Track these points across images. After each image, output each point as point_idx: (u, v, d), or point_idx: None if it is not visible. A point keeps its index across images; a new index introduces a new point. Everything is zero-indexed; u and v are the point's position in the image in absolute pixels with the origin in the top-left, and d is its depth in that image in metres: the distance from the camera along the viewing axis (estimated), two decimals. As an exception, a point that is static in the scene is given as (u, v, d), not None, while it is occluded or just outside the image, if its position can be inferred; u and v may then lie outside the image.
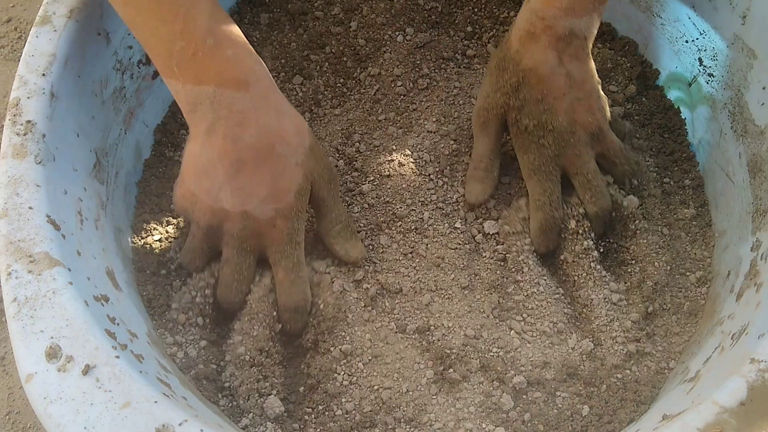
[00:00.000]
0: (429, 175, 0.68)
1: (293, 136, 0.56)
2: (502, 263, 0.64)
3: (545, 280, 0.63)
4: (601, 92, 0.64)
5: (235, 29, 0.55)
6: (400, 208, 0.67)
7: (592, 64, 0.63)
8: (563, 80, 0.61)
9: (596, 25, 0.61)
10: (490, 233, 0.65)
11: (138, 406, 0.42)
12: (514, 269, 0.63)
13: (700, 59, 0.71)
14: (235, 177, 0.55)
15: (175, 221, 0.66)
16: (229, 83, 0.53)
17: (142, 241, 0.63)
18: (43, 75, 0.55)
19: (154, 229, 0.65)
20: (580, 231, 0.64)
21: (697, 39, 0.71)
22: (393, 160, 0.69)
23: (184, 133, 0.71)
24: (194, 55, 0.52)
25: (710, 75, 0.70)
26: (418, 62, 0.77)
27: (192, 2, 0.51)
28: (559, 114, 0.61)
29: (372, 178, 0.69)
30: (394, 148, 0.71)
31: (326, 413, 0.57)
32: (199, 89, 0.53)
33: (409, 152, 0.70)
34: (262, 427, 0.55)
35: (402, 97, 0.75)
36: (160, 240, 0.64)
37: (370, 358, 0.59)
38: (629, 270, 0.65)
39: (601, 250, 0.66)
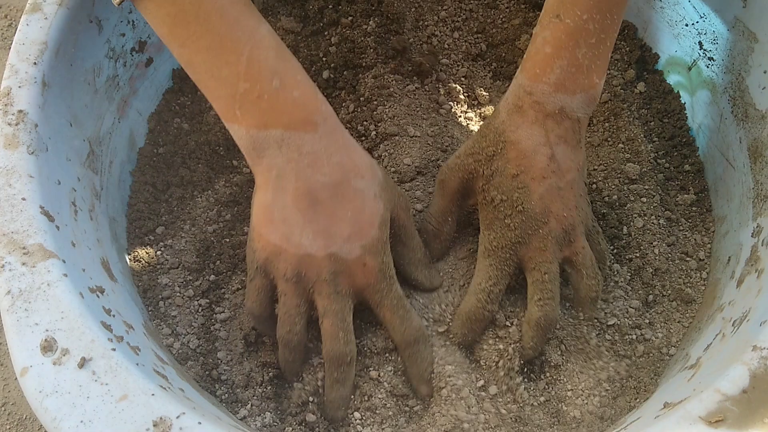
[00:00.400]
0: None
1: (367, 170, 0.54)
2: None
3: None
4: (585, 192, 0.58)
5: (299, 67, 0.52)
6: None
7: (583, 155, 0.57)
8: (545, 162, 0.55)
9: (591, 106, 0.56)
10: None
11: (135, 399, 0.42)
12: None
13: (700, 43, 0.70)
14: (315, 219, 0.52)
15: (169, 211, 0.65)
16: (298, 125, 0.50)
17: (137, 230, 0.63)
18: (35, 64, 0.54)
19: (149, 218, 0.64)
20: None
21: (697, 22, 0.70)
22: None
23: (179, 121, 0.70)
24: (259, 98, 0.49)
25: (710, 59, 0.69)
26: None
27: (256, 41, 0.49)
28: (533, 196, 0.55)
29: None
30: None
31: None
32: (266, 134, 0.50)
33: None
34: (260, 417, 0.55)
35: None
36: (154, 229, 0.64)
37: None
38: (629, 256, 0.65)
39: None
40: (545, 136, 0.55)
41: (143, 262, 0.61)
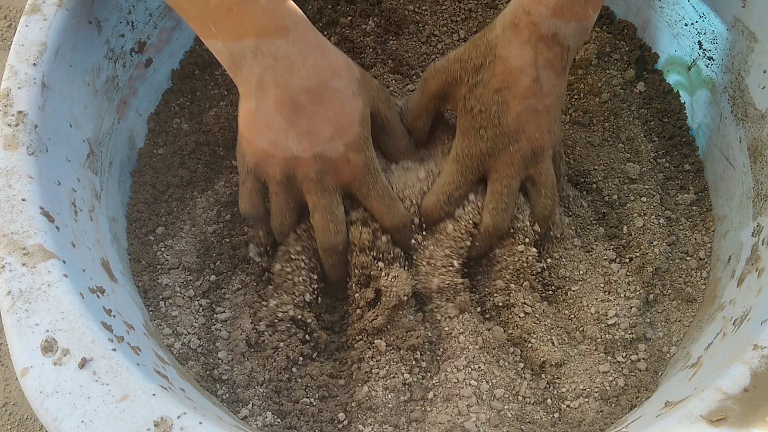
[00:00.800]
0: None
1: (343, 69, 0.56)
2: None
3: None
4: (559, 118, 0.60)
5: None
6: None
7: (565, 84, 0.59)
8: (529, 82, 0.56)
9: (582, 37, 0.57)
10: None
11: (136, 399, 0.42)
12: None
13: (699, 42, 0.70)
14: (297, 122, 0.54)
15: (169, 209, 0.65)
16: (269, 32, 0.53)
17: (137, 230, 0.63)
18: (34, 65, 0.54)
19: (149, 218, 0.64)
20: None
21: (696, 22, 0.70)
22: None
23: (179, 121, 0.70)
24: (229, 10, 0.51)
25: (710, 58, 0.69)
26: None
27: None
28: (510, 113, 0.57)
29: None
30: None
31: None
32: (240, 44, 0.53)
33: None
34: (261, 417, 0.55)
35: None
36: (154, 229, 0.64)
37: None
38: (629, 255, 0.65)
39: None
40: (534, 58, 0.56)
41: (143, 262, 0.61)
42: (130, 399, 0.42)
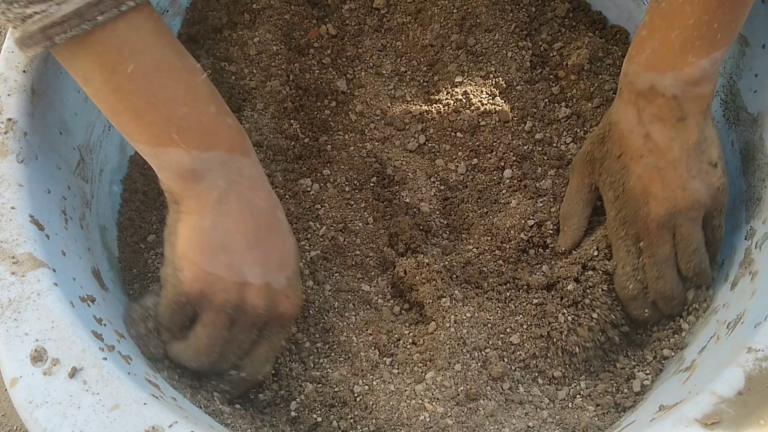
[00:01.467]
0: None
1: (280, 205, 0.55)
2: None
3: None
4: (707, 171, 0.56)
5: (223, 101, 0.52)
6: None
7: (690, 132, 0.55)
8: (641, 141, 0.56)
9: (690, 84, 0.54)
10: None
11: (127, 409, 0.41)
12: None
13: (690, 46, 0.70)
14: (256, 245, 0.51)
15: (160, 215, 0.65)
16: (237, 150, 0.50)
17: (128, 238, 0.62)
18: (24, 72, 0.54)
19: (140, 226, 0.64)
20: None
21: (687, 26, 0.70)
22: None
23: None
24: (199, 121, 0.48)
25: (701, 62, 0.69)
26: None
27: (191, 70, 0.48)
28: (632, 176, 0.57)
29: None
30: None
31: None
32: (209, 155, 0.48)
33: None
34: (253, 426, 0.54)
35: None
36: (145, 237, 0.63)
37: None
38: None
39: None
40: (638, 115, 0.56)
41: (134, 270, 0.61)
42: (121, 408, 0.41)
